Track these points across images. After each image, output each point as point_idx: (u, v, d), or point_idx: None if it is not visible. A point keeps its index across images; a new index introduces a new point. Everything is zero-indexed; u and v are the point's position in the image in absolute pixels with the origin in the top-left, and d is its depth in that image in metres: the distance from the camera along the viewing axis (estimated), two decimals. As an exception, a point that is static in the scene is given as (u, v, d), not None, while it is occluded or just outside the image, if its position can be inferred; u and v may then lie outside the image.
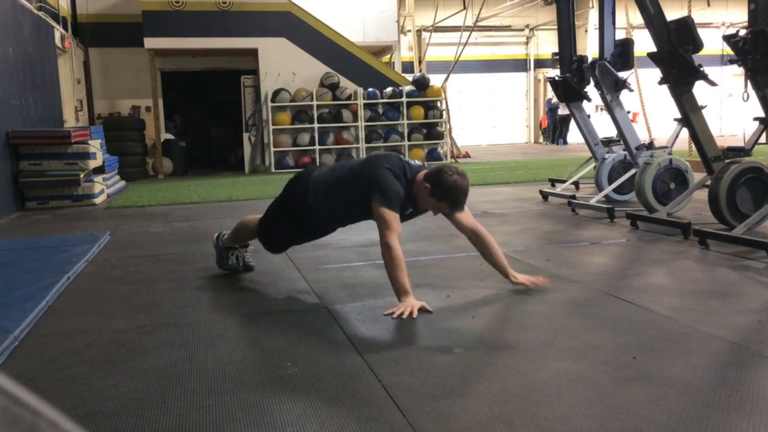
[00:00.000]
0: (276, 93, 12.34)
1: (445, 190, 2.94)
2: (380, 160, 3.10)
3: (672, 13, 5.02)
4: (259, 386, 2.17)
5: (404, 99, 12.83)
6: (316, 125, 12.42)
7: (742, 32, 4.31)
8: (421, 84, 13.15)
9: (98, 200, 7.95)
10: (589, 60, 6.53)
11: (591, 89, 6.61)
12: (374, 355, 2.41)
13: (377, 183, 2.96)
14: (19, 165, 7.53)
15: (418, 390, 2.07)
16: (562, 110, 19.11)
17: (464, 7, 16.79)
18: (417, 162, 3.20)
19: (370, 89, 12.72)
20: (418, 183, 3.02)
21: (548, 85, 12.61)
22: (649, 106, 8.54)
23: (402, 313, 2.81)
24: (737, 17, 19.51)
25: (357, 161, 3.37)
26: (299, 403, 2.02)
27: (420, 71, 16.38)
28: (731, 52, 4.40)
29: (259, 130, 12.68)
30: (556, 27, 7.24)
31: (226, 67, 13.57)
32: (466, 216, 3.23)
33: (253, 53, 12.46)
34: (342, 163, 3.58)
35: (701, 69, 4.72)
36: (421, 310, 2.87)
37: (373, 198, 2.95)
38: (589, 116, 7.12)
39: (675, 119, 5.64)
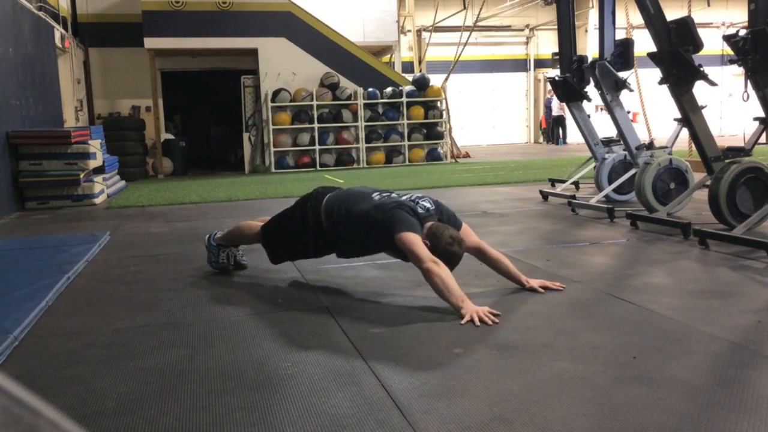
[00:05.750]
0: (276, 93, 12.34)
1: (441, 255, 2.96)
2: (392, 203, 3.13)
3: (672, 13, 5.02)
4: (259, 386, 2.17)
5: (404, 99, 12.84)
6: (316, 125, 12.43)
7: (742, 32, 4.31)
8: (421, 84, 13.16)
9: (98, 200, 7.96)
10: (589, 60, 6.53)
11: (591, 89, 6.61)
12: (374, 355, 2.41)
13: (394, 220, 3.02)
14: (19, 165, 7.54)
15: (418, 390, 2.07)
16: (557, 111, 19.13)
17: (464, 7, 16.79)
18: (426, 204, 3.19)
19: (370, 89, 12.72)
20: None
21: (548, 84, 12.59)
22: (649, 106, 8.54)
23: (472, 320, 2.74)
24: (737, 17, 19.52)
25: (369, 205, 3.20)
26: (299, 403, 2.02)
27: (420, 71, 16.38)
28: (731, 52, 4.40)
29: (259, 130, 12.69)
30: (556, 27, 7.24)
31: (226, 67, 13.57)
32: (468, 235, 3.28)
33: (253, 53, 12.46)
34: (354, 193, 3.39)
35: (701, 69, 4.72)
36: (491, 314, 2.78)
37: (394, 233, 2.98)
38: (589, 116, 7.12)
39: (675, 119, 5.64)
